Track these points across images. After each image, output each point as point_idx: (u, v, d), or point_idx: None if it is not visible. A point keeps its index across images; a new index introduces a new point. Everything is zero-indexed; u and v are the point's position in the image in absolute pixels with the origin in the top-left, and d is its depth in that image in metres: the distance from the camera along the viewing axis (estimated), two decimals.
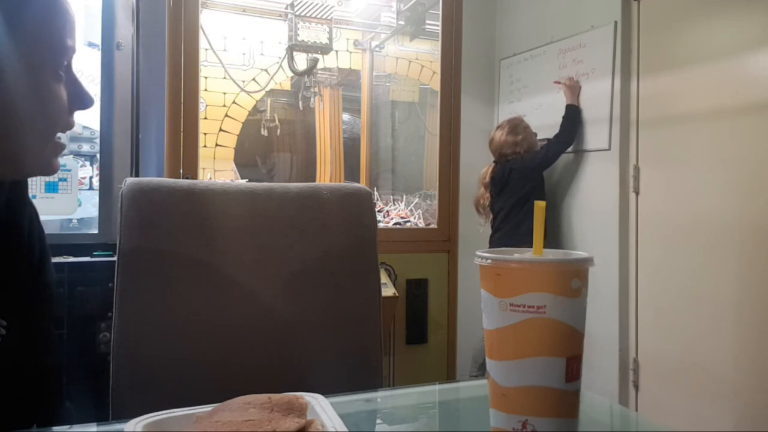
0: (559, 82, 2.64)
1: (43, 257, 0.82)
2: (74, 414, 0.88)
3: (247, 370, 0.91)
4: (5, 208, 0.76)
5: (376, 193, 3.47)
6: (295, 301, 0.97)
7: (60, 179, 2.10)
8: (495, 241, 2.66)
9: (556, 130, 2.59)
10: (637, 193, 2.38)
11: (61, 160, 2.12)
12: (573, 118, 2.54)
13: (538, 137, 2.73)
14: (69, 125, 0.74)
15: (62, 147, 0.74)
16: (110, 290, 0.88)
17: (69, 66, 0.71)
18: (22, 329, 0.75)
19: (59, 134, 0.73)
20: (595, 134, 2.52)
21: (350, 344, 0.99)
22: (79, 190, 2.20)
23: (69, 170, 2.13)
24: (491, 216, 2.74)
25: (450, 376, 2.88)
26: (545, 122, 2.76)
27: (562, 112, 2.60)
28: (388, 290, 2.44)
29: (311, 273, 0.98)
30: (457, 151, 2.96)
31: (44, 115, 0.69)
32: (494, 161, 2.73)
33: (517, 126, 2.67)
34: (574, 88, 2.56)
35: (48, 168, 0.73)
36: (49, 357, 0.84)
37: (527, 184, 2.58)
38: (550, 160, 2.58)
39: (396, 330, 2.74)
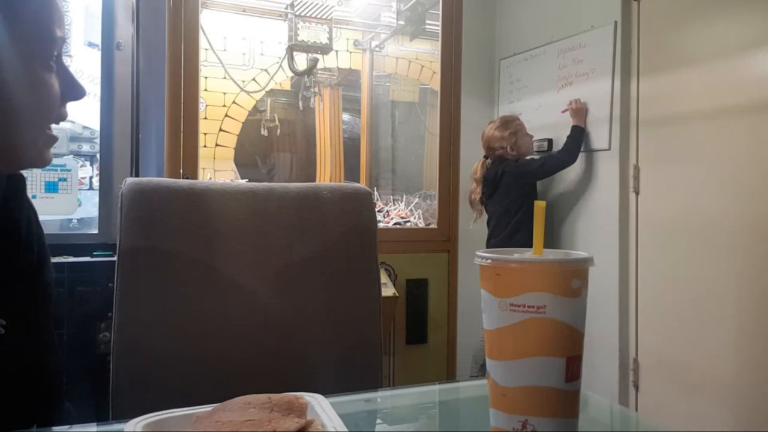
0: (566, 111, 2.63)
1: (42, 257, 0.82)
2: (74, 414, 0.88)
3: (247, 370, 0.91)
4: (2, 207, 0.75)
5: (376, 193, 3.47)
6: (295, 301, 0.97)
7: (60, 179, 2.10)
8: (491, 247, 2.63)
9: (557, 129, 2.59)
10: (637, 193, 2.38)
11: (61, 160, 2.12)
12: (577, 139, 2.52)
13: (538, 137, 2.73)
14: (62, 116, 0.73)
15: (54, 139, 0.74)
16: (110, 290, 0.88)
17: (59, 56, 0.71)
18: (22, 329, 0.75)
19: (52, 126, 0.73)
20: (595, 134, 2.52)
21: (350, 344, 0.99)
22: (79, 190, 2.20)
23: (69, 170, 2.13)
24: (483, 212, 2.73)
25: (450, 376, 2.88)
26: (545, 122, 2.76)
27: (562, 110, 2.60)
28: (388, 290, 2.44)
29: (311, 273, 0.98)
30: (457, 151, 2.96)
31: (36, 106, 0.69)
32: (484, 156, 2.72)
33: (508, 122, 2.66)
34: (580, 111, 2.55)
35: (41, 160, 0.73)
36: (49, 357, 0.84)
37: (518, 189, 2.57)
38: (546, 172, 2.58)
39: (396, 330, 2.74)
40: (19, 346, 0.75)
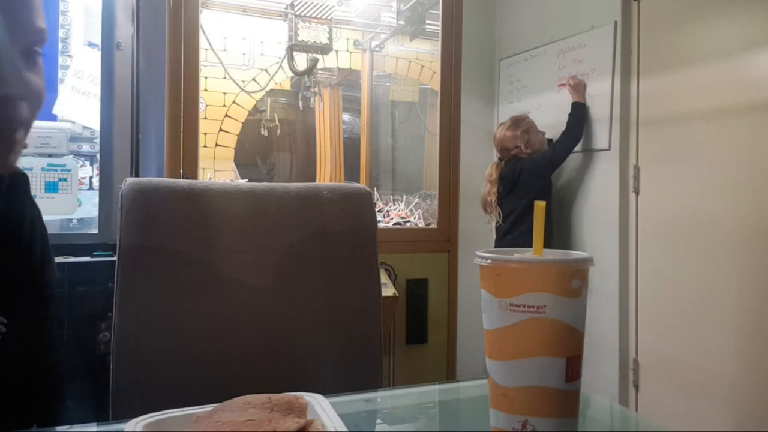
0: (564, 84, 2.63)
1: (45, 257, 0.81)
2: (74, 414, 0.88)
3: (247, 370, 0.91)
4: (5, 207, 0.75)
5: (376, 193, 3.47)
6: (295, 301, 0.97)
7: (60, 179, 2.10)
8: (506, 244, 2.62)
9: (558, 129, 2.59)
10: (637, 193, 2.38)
11: (61, 160, 2.12)
12: (579, 115, 2.52)
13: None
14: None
15: (18, 145, 0.66)
16: (110, 290, 0.88)
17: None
18: (24, 328, 0.75)
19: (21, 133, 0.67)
20: (596, 134, 2.52)
21: (350, 344, 0.99)
22: (79, 190, 2.20)
23: (69, 170, 2.13)
24: (498, 214, 2.71)
25: (450, 376, 2.88)
26: (546, 122, 2.76)
27: (563, 111, 2.59)
28: (388, 290, 2.44)
29: (311, 273, 0.98)
30: (457, 151, 2.96)
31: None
32: (498, 158, 2.72)
33: (518, 121, 2.67)
34: (578, 86, 2.55)
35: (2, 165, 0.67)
36: (51, 357, 0.83)
37: (537, 184, 2.56)
38: (559, 159, 2.55)
39: (396, 330, 2.74)
40: (20, 346, 0.75)
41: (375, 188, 3.54)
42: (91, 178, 2.29)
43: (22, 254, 0.78)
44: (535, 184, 2.55)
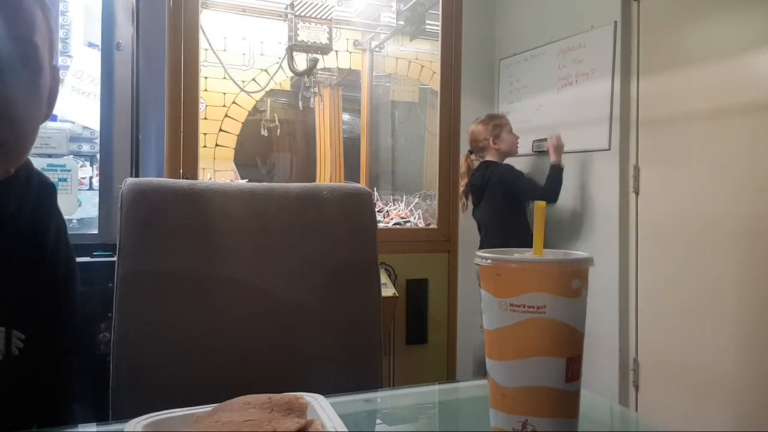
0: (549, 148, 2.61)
1: (71, 271, 0.81)
2: (74, 414, 0.88)
3: (247, 370, 0.91)
4: (31, 217, 0.75)
5: (376, 193, 3.47)
6: (295, 301, 0.97)
7: (60, 179, 2.10)
8: None
9: (557, 129, 2.59)
10: (637, 193, 2.38)
11: (61, 160, 2.12)
12: (557, 180, 2.50)
13: (538, 137, 2.74)
14: None
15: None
16: (110, 290, 0.88)
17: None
18: (43, 342, 0.74)
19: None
20: (595, 134, 2.52)
21: (350, 344, 0.99)
22: (79, 190, 2.20)
23: (69, 170, 2.12)
24: (467, 205, 2.78)
25: (450, 376, 2.88)
26: (545, 122, 2.76)
27: (563, 111, 2.60)
28: (388, 290, 2.44)
29: (311, 273, 0.98)
30: (457, 151, 2.96)
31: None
32: (468, 150, 2.77)
33: (492, 117, 2.72)
34: (559, 148, 2.54)
35: None
36: (65, 368, 0.83)
37: (502, 200, 2.58)
38: (526, 193, 2.58)
39: (396, 330, 2.74)
40: (38, 358, 0.74)
41: (375, 188, 3.54)
42: (91, 178, 2.29)
43: (47, 266, 0.77)
44: (498, 199, 2.59)
